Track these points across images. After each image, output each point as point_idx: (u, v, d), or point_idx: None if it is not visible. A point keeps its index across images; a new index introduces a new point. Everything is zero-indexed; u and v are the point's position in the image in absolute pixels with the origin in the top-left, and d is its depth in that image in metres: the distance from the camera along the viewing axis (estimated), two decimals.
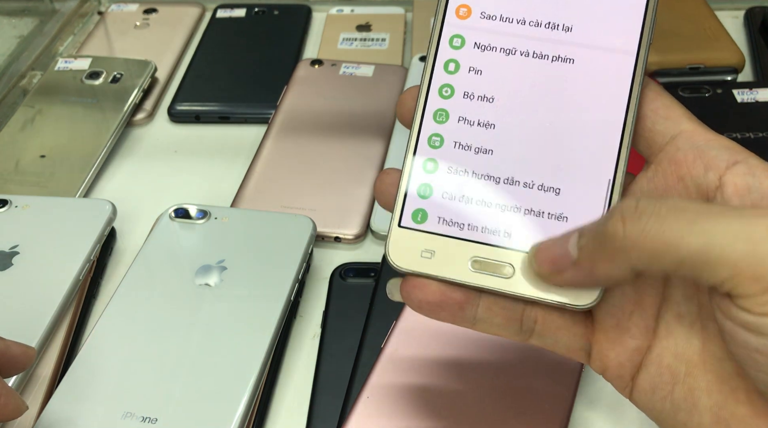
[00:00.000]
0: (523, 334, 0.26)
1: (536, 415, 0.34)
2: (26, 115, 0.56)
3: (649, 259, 0.21)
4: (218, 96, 0.59)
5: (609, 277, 0.23)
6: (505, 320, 0.26)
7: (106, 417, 0.35)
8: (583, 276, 0.23)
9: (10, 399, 0.30)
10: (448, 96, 0.27)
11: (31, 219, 0.44)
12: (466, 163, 0.27)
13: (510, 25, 0.27)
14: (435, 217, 0.27)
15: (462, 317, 0.26)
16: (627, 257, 0.21)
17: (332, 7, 0.69)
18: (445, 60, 0.28)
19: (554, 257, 0.24)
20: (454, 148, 0.27)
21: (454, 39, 0.28)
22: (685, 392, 0.24)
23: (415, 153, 0.27)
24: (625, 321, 0.25)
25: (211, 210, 0.45)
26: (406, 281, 0.26)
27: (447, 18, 0.28)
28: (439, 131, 0.27)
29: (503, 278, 0.26)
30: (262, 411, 0.37)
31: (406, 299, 0.26)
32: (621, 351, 0.25)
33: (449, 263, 0.26)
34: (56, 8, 0.71)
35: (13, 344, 0.32)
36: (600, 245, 0.22)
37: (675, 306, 0.25)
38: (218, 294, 0.40)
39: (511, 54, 0.27)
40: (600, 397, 0.38)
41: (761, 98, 0.53)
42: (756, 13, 0.64)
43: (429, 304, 0.25)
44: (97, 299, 0.44)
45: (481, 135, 0.27)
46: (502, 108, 0.27)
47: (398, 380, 0.36)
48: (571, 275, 0.24)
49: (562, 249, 0.24)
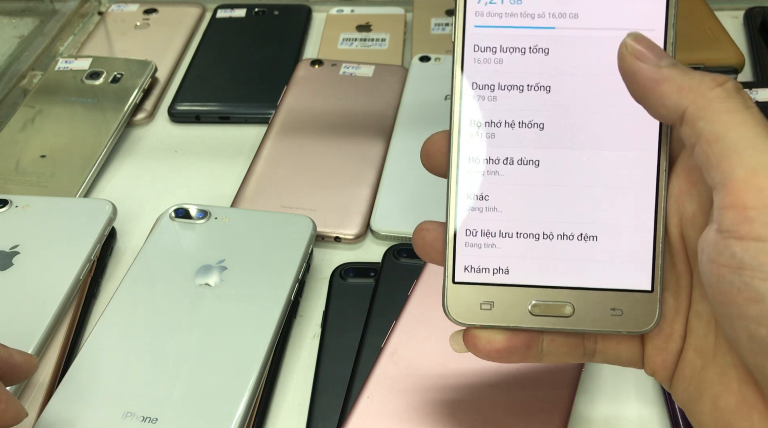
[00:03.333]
0: (587, 356, 0.27)
1: (536, 415, 0.34)
2: (26, 115, 0.56)
3: (704, 118, 0.21)
4: (218, 96, 0.59)
5: (660, 98, 0.23)
6: (569, 348, 0.27)
7: (106, 416, 0.35)
8: (648, 77, 0.23)
9: (10, 406, 0.30)
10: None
11: (31, 219, 0.44)
12: (509, 207, 0.26)
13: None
14: (489, 267, 0.27)
15: (530, 356, 0.26)
16: (694, 100, 0.22)
17: (332, 7, 0.69)
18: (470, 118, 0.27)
19: (643, 52, 0.23)
20: (494, 193, 0.27)
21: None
22: (698, 383, 0.25)
23: (457, 204, 0.27)
24: (668, 328, 0.26)
25: (212, 210, 0.45)
26: (468, 334, 0.26)
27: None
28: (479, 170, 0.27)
29: (564, 317, 0.26)
30: (262, 411, 0.37)
31: (474, 350, 0.27)
32: (666, 355, 0.26)
33: (510, 311, 0.26)
34: (56, 8, 0.71)
35: (16, 352, 0.33)
36: (688, 78, 0.22)
37: (695, 305, 0.26)
38: (218, 294, 0.40)
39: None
40: (600, 397, 0.38)
41: (761, 98, 0.53)
42: (756, 13, 0.64)
43: (498, 352, 0.26)
44: (97, 299, 0.44)
45: (522, 172, 0.26)
46: (546, 140, 0.26)
47: (398, 380, 0.36)
48: (643, 68, 0.23)
49: (656, 54, 0.23)
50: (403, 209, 0.47)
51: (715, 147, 0.21)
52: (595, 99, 0.26)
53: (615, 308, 0.26)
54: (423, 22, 0.66)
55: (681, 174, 0.26)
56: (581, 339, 0.27)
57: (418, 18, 0.67)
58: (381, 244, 0.47)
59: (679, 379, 0.26)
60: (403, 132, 0.53)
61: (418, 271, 0.41)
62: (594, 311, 0.26)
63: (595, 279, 0.26)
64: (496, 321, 0.26)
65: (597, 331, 0.26)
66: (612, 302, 0.26)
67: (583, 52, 0.26)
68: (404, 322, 0.38)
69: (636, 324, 0.26)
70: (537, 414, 0.34)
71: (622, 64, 0.24)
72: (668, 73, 0.23)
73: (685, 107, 0.22)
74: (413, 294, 0.40)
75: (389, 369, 0.36)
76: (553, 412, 0.35)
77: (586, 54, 0.26)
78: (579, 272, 0.26)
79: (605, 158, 0.26)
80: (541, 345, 0.26)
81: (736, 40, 0.60)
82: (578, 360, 0.27)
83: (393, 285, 0.42)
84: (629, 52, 0.23)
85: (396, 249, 0.44)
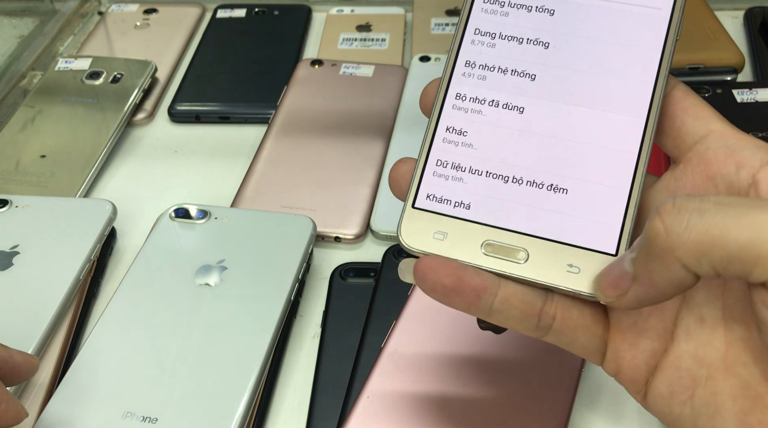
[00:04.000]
0: (540, 330, 0.25)
1: (536, 415, 0.34)
2: (26, 115, 0.56)
3: (697, 255, 0.20)
4: (218, 96, 0.59)
5: (669, 282, 0.22)
6: (522, 314, 0.25)
7: (106, 416, 0.35)
8: (645, 289, 0.22)
9: (10, 406, 0.30)
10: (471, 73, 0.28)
11: (31, 219, 0.44)
12: (484, 146, 0.27)
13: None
14: (449, 198, 0.26)
15: (477, 307, 0.25)
16: (675, 256, 0.21)
17: (332, 7, 0.69)
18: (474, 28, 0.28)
19: (614, 279, 0.23)
20: (473, 131, 0.27)
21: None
22: (707, 396, 0.23)
23: (434, 136, 0.27)
24: (643, 322, 0.25)
25: (212, 210, 0.45)
26: (420, 261, 0.25)
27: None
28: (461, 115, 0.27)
29: (516, 262, 0.25)
30: (262, 411, 0.37)
31: (420, 281, 0.25)
32: (637, 353, 0.25)
33: (461, 246, 0.26)
34: (56, 8, 0.71)
35: (17, 353, 0.33)
36: (648, 251, 0.21)
37: (696, 309, 0.24)
38: (218, 294, 0.40)
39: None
40: (600, 397, 0.38)
41: (761, 98, 0.53)
42: (756, 13, 0.64)
43: (444, 288, 0.24)
44: (97, 299, 0.44)
45: (505, 116, 0.27)
46: (529, 88, 0.27)
47: (398, 380, 0.36)
48: (635, 292, 0.23)
49: (620, 269, 0.23)
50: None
51: (734, 268, 0.20)
52: (591, 60, 0.27)
53: (572, 264, 0.25)
54: (423, 22, 0.66)
55: (696, 167, 0.25)
56: (538, 309, 0.25)
57: (418, 18, 0.67)
58: (381, 244, 0.47)
59: (673, 391, 0.24)
60: (403, 132, 0.53)
61: None
62: (549, 264, 0.25)
63: (556, 231, 0.25)
64: (445, 252, 0.25)
65: (548, 284, 0.25)
66: (570, 257, 0.25)
67: (587, 17, 0.27)
68: (404, 322, 0.38)
69: (591, 286, 0.25)
70: (537, 414, 0.34)
71: (624, 308, 0.24)
72: (644, 270, 0.22)
73: (683, 265, 0.21)
74: (413, 294, 0.40)
75: (389, 369, 0.36)
76: (553, 413, 0.35)
77: (589, 19, 0.27)
78: (541, 221, 0.26)
79: (591, 115, 0.26)
80: (492, 300, 0.24)
81: (736, 40, 0.60)
82: (528, 331, 0.25)
83: (393, 285, 0.42)
84: (611, 297, 0.23)
85: (396, 249, 0.44)
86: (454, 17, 0.67)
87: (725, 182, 0.24)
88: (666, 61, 0.26)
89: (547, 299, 0.25)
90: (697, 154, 0.25)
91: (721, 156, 0.24)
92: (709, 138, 0.25)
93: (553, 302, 0.25)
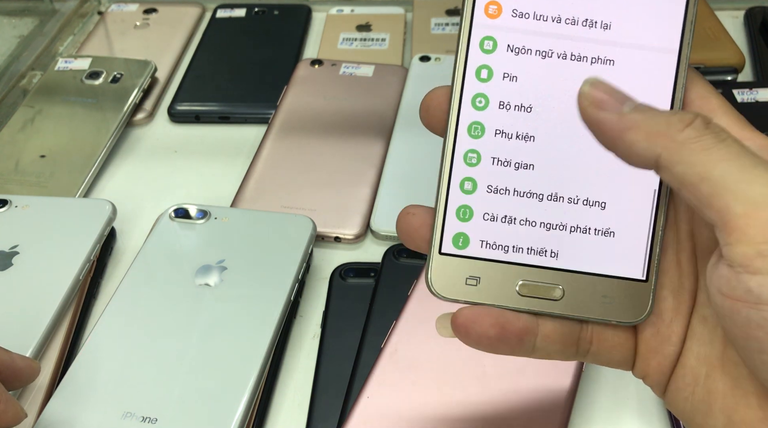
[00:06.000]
0: (578, 356, 0.26)
1: (536, 415, 0.34)
2: (26, 115, 0.56)
3: (680, 161, 0.21)
4: (218, 96, 0.59)
5: (631, 147, 0.22)
6: (562, 347, 0.25)
7: (105, 416, 0.34)
8: (613, 127, 0.22)
9: (10, 406, 0.30)
10: (482, 107, 0.25)
11: (31, 219, 0.44)
12: (507, 180, 0.25)
13: (544, 23, 0.25)
14: (477, 241, 0.25)
15: (521, 349, 0.25)
16: (666, 145, 0.21)
17: (332, 7, 0.69)
18: (476, 66, 0.25)
19: (604, 99, 0.22)
20: (493, 164, 0.25)
21: (485, 42, 0.25)
22: (704, 394, 0.24)
23: (451, 172, 0.25)
24: (665, 329, 0.25)
25: (211, 210, 0.45)
26: (459, 315, 0.25)
27: (476, 18, 0.25)
28: (475, 147, 0.25)
29: (553, 300, 0.25)
30: (262, 411, 0.37)
31: (463, 336, 0.25)
32: (661, 358, 0.25)
33: (497, 290, 0.25)
34: (56, 8, 0.71)
35: (18, 357, 0.33)
36: (653, 121, 0.21)
37: (700, 309, 0.25)
38: (218, 294, 0.40)
39: (548, 57, 0.25)
40: (600, 397, 0.38)
41: (761, 98, 0.53)
42: (756, 13, 0.64)
43: (489, 339, 0.24)
44: (97, 299, 0.44)
45: (521, 149, 0.25)
46: (542, 118, 0.25)
47: (398, 380, 0.36)
48: (605, 117, 0.22)
49: (617, 99, 0.22)
50: None
51: (702, 188, 0.20)
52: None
53: (606, 295, 0.25)
54: (423, 22, 0.66)
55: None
56: (576, 339, 0.25)
57: (418, 18, 0.67)
58: (381, 244, 0.47)
59: (679, 387, 0.25)
60: (403, 132, 0.53)
61: (418, 271, 0.41)
62: (585, 297, 0.25)
63: (588, 263, 0.25)
64: (481, 299, 0.25)
65: (586, 318, 0.25)
66: (603, 288, 0.25)
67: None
68: (404, 322, 0.38)
69: (626, 314, 0.25)
70: (537, 414, 0.34)
71: (583, 115, 0.22)
72: (633, 120, 0.22)
73: (658, 153, 0.21)
74: (413, 294, 0.40)
75: (389, 369, 0.36)
76: (553, 413, 0.34)
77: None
78: (573, 255, 0.25)
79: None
80: (534, 340, 0.25)
81: (736, 40, 0.60)
82: (569, 358, 0.26)
83: (393, 285, 0.41)
84: (589, 102, 0.22)
85: (396, 249, 0.44)
86: (455, 17, 0.67)
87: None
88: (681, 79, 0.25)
89: (583, 326, 0.26)
90: None
91: None
92: None
93: (588, 328, 0.26)
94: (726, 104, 0.25)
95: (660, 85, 0.25)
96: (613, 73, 0.25)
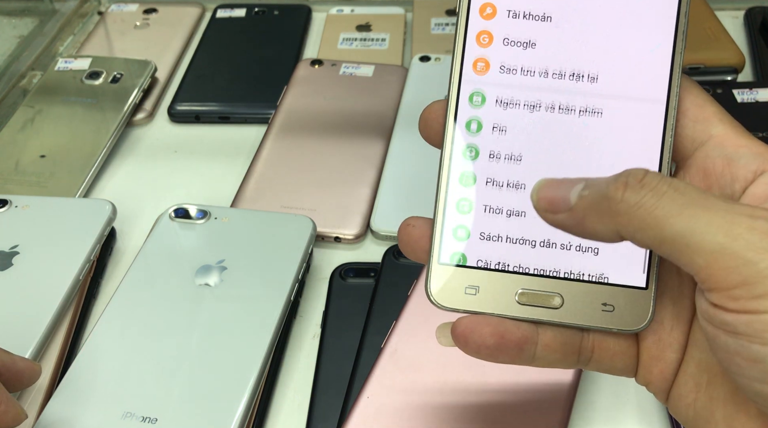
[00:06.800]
0: (580, 364, 0.26)
1: (536, 415, 0.34)
2: (26, 115, 0.56)
3: (636, 230, 0.21)
4: (218, 96, 0.59)
5: (595, 233, 0.22)
6: (563, 355, 0.25)
7: (105, 416, 0.34)
8: (572, 224, 0.23)
9: (10, 407, 0.30)
10: (473, 157, 0.26)
11: (31, 219, 0.44)
12: (503, 199, 0.26)
13: (532, 78, 0.26)
14: (475, 251, 0.26)
15: (521, 358, 0.25)
16: (617, 221, 0.21)
17: (332, 7, 0.69)
18: (467, 120, 0.26)
19: (554, 198, 0.23)
20: (487, 184, 0.26)
21: (474, 97, 0.26)
22: (705, 401, 0.24)
23: (448, 190, 0.26)
24: (666, 336, 0.25)
25: (211, 210, 0.45)
26: (459, 324, 0.25)
27: (464, 74, 0.26)
28: (471, 170, 0.26)
29: (553, 309, 0.25)
30: (262, 411, 0.37)
31: (462, 345, 0.25)
32: (663, 365, 0.25)
33: (496, 299, 0.25)
34: (56, 8, 0.71)
35: (20, 359, 0.33)
36: (597, 202, 0.22)
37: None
38: (218, 294, 0.40)
39: (536, 110, 0.26)
40: (600, 397, 0.38)
41: (761, 98, 0.53)
42: (756, 13, 0.64)
43: (488, 349, 0.25)
44: (97, 299, 0.44)
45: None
46: (531, 167, 0.26)
47: (398, 380, 0.36)
48: (562, 219, 0.23)
49: (564, 193, 0.23)
50: (403, 209, 0.47)
51: (664, 249, 0.21)
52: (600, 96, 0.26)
53: (606, 303, 0.25)
54: (423, 22, 0.66)
55: (695, 176, 0.25)
56: (577, 347, 0.25)
57: (418, 18, 0.67)
58: (381, 244, 0.47)
59: (681, 394, 0.25)
60: (403, 132, 0.53)
61: (418, 271, 0.41)
62: (584, 306, 0.25)
63: (588, 271, 0.25)
64: (480, 308, 0.25)
65: (586, 326, 0.25)
66: (603, 296, 0.25)
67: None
68: (404, 322, 0.38)
69: (627, 322, 0.25)
70: (537, 414, 0.34)
71: (544, 220, 0.23)
72: (582, 209, 0.22)
73: (616, 230, 0.21)
74: (413, 294, 0.40)
75: (389, 369, 0.36)
76: (553, 413, 0.34)
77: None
78: (572, 263, 0.25)
79: (606, 150, 0.26)
80: (534, 349, 0.25)
81: (736, 40, 0.60)
82: (570, 367, 0.26)
83: (393, 285, 0.41)
84: (542, 209, 0.23)
85: (396, 249, 0.44)
86: (455, 17, 0.67)
87: (721, 194, 0.24)
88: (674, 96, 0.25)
89: (584, 335, 0.26)
90: (696, 162, 0.25)
91: (719, 166, 0.24)
92: (709, 145, 0.25)
93: (590, 337, 0.26)
94: (722, 112, 0.25)
95: (649, 132, 0.25)
96: (602, 123, 0.25)
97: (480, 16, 0.26)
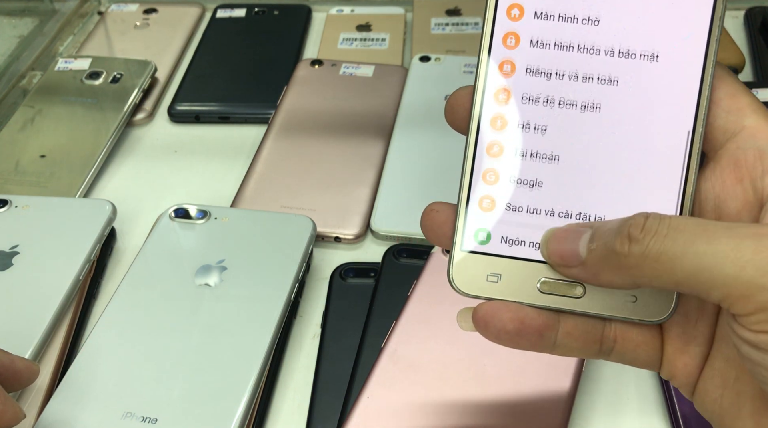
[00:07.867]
0: (602, 354, 0.26)
1: (537, 415, 0.34)
2: (26, 115, 0.56)
3: (650, 279, 0.21)
4: (218, 96, 0.59)
5: (612, 284, 0.23)
6: (584, 344, 0.25)
7: (105, 417, 0.34)
8: (588, 277, 0.23)
9: (8, 407, 0.30)
10: (504, 100, 0.26)
11: (31, 219, 0.44)
12: (530, 172, 0.25)
13: (567, 53, 0.25)
14: (499, 237, 0.26)
15: (541, 345, 0.25)
16: (631, 274, 0.22)
17: (332, 7, 0.69)
18: (500, 61, 0.26)
19: (564, 252, 0.24)
20: (516, 155, 0.26)
21: (504, 65, 0.26)
22: (733, 396, 0.24)
23: (473, 166, 0.26)
24: (691, 329, 0.25)
25: (211, 210, 0.45)
26: (480, 309, 0.25)
27: (494, 47, 0.26)
28: (499, 139, 0.26)
29: (574, 298, 0.25)
30: (262, 411, 0.37)
31: (482, 329, 0.25)
32: (688, 359, 0.25)
33: (517, 286, 0.25)
34: (56, 8, 0.71)
35: (18, 359, 0.33)
36: (606, 257, 0.22)
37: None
38: (218, 294, 0.40)
39: (561, 76, 0.26)
40: (600, 397, 0.38)
41: (761, 98, 0.53)
42: (756, 13, 0.64)
43: (508, 333, 0.25)
44: (97, 299, 0.44)
45: (536, 188, 0.26)
46: (561, 166, 0.26)
47: (398, 380, 0.36)
48: (577, 272, 0.24)
49: (573, 246, 0.23)
50: (403, 209, 0.47)
51: (683, 289, 0.21)
52: (633, 99, 0.25)
53: (629, 292, 0.25)
54: (423, 22, 0.66)
55: (726, 168, 0.24)
56: (599, 336, 0.25)
57: (418, 18, 0.67)
58: (381, 244, 0.47)
59: (707, 389, 0.24)
60: (403, 132, 0.53)
61: (418, 271, 0.41)
62: (606, 295, 0.25)
63: None
64: (501, 295, 0.25)
65: (608, 316, 0.25)
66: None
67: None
68: (404, 322, 0.38)
69: (650, 313, 0.25)
70: (537, 414, 0.34)
71: (560, 273, 0.24)
72: (593, 264, 0.23)
73: (633, 282, 0.22)
74: (413, 294, 0.40)
75: (389, 369, 0.36)
76: (553, 413, 0.34)
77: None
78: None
79: (636, 139, 0.25)
80: (555, 336, 0.25)
81: (736, 40, 0.60)
82: (592, 356, 0.26)
83: (393, 285, 0.42)
84: (554, 263, 0.24)
85: (396, 249, 0.44)
86: (455, 17, 0.67)
87: (752, 186, 0.24)
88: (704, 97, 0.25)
89: (606, 324, 0.26)
90: (728, 153, 0.24)
91: (750, 158, 0.24)
92: (741, 136, 0.24)
93: (612, 326, 0.26)
94: (755, 102, 0.25)
95: (680, 122, 0.25)
96: (631, 109, 0.25)
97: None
